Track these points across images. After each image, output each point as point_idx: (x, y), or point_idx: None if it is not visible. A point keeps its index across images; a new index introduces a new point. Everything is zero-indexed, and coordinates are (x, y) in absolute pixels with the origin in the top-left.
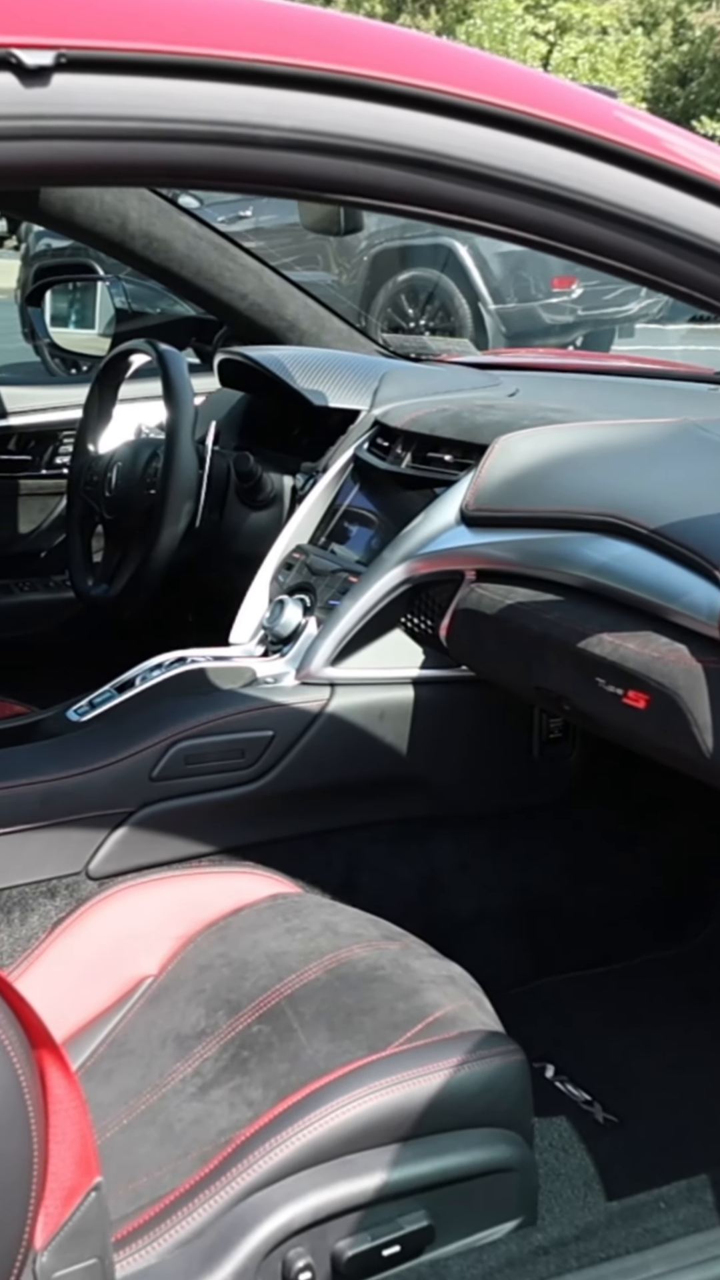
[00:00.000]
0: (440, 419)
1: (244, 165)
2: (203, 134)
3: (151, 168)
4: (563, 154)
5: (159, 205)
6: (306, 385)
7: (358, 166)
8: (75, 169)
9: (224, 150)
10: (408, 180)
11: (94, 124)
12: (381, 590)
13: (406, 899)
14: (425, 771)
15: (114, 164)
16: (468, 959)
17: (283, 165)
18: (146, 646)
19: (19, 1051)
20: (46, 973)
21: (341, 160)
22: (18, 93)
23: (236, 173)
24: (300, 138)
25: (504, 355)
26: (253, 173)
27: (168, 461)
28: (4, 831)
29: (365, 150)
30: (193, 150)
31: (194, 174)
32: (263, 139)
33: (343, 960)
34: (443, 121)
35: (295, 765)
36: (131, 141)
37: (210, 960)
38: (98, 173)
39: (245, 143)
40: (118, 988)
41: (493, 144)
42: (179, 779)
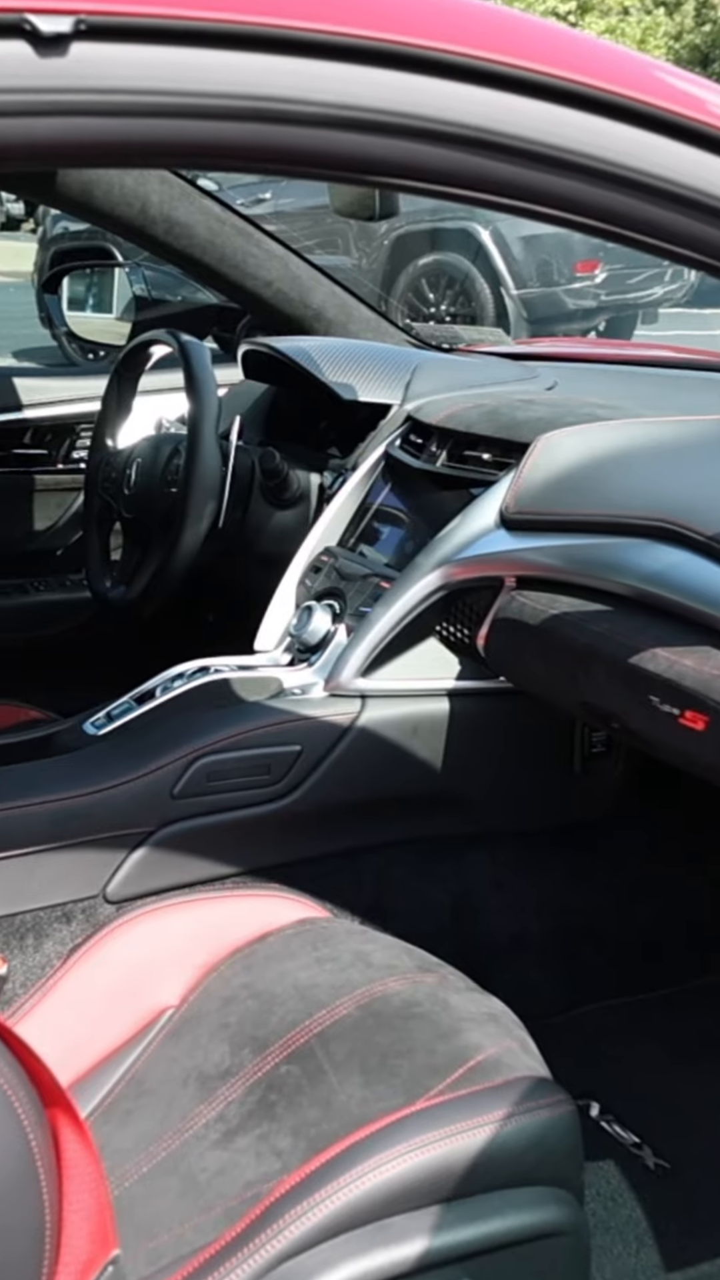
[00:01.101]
0: (478, 415)
1: (280, 144)
2: (236, 110)
3: (178, 148)
4: (631, 131)
5: (181, 188)
6: (335, 378)
7: (404, 145)
8: (95, 148)
9: (259, 128)
10: (457, 160)
11: (116, 99)
12: (416, 597)
13: (440, 922)
14: (460, 788)
15: (137, 143)
16: (504, 985)
17: (323, 144)
18: (165, 649)
19: (30, 1114)
20: (62, 1003)
21: (386, 139)
22: (32, 63)
23: (272, 153)
24: (342, 114)
25: (538, 345)
26: (289, 153)
27: (190, 459)
28: (18, 853)
29: (412, 127)
30: (224, 128)
31: (225, 154)
32: (301, 115)
33: (376, 995)
34: (496, 95)
35: (324, 782)
36: (157, 118)
37: (235, 992)
38: (120, 153)
39: (282, 119)
40: (137, 1020)
41: (552, 120)
42: (201, 796)
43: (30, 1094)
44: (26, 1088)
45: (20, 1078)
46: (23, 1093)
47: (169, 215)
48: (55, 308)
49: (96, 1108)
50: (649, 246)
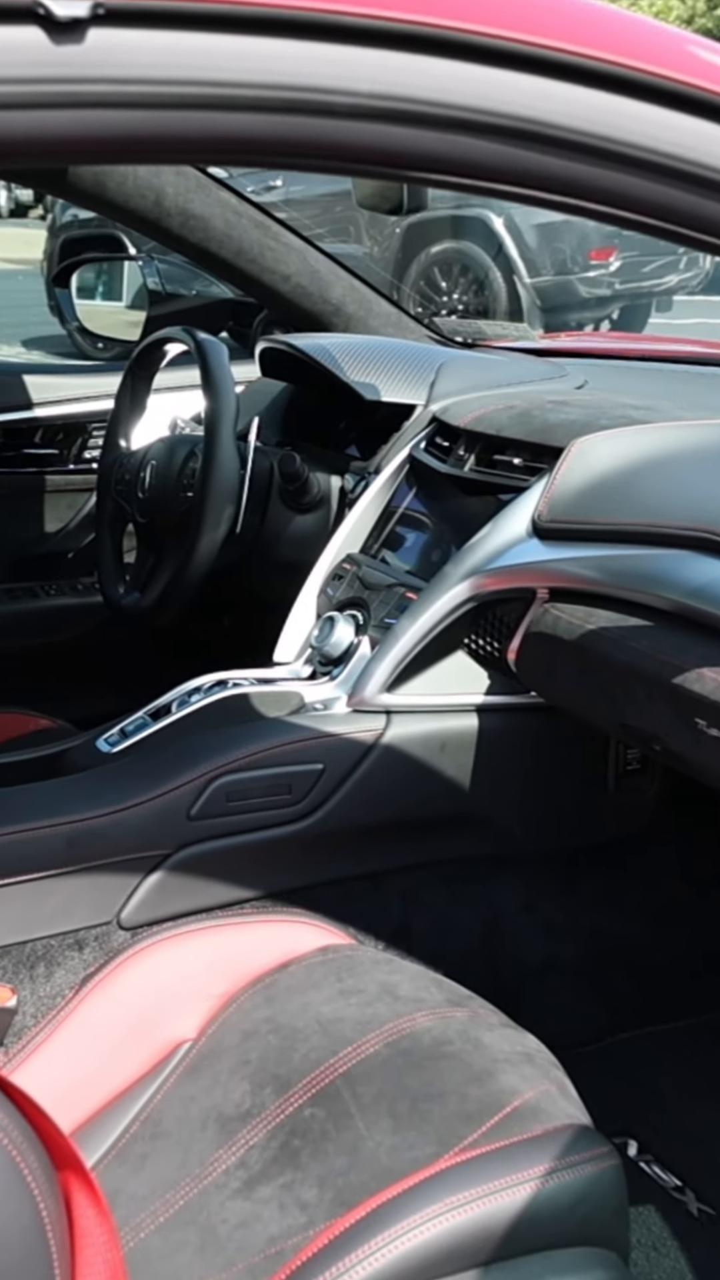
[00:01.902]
0: (508, 418)
1: (314, 139)
2: (267, 101)
3: (205, 143)
4: (693, 122)
5: (197, 180)
6: (357, 377)
7: (447, 139)
8: (114, 144)
9: (292, 121)
10: (504, 155)
11: (137, 89)
12: (444, 608)
13: (467, 946)
14: (489, 807)
15: (160, 138)
16: (534, 1012)
17: (360, 138)
18: (179, 656)
19: (41, 1181)
20: (74, 1036)
21: (428, 131)
22: (46, 51)
23: (305, 147)
24: (381, 105)
25: (563, 340)
26: (324, 147)
27: (207, 463)
28: (28, 878)
29: (456, 119)
30: (254, 122)
31: (255, 150)
32: (338, 107)
33: (404, 1031)
34: (547, 83)
35: (347, 802)
36: (182, 110)
37: (255, 1025)
38: (141, 149)
39: (317, 111)
40: (152, 1053)
41: (609, 111)
42: (220, 818)
43: (41, 1158)
44: (37, 1151)
45: (30, 1141)
46: (33, 1158)
47: (184, 208)
48: (66, 302)
49: (110, 1149)
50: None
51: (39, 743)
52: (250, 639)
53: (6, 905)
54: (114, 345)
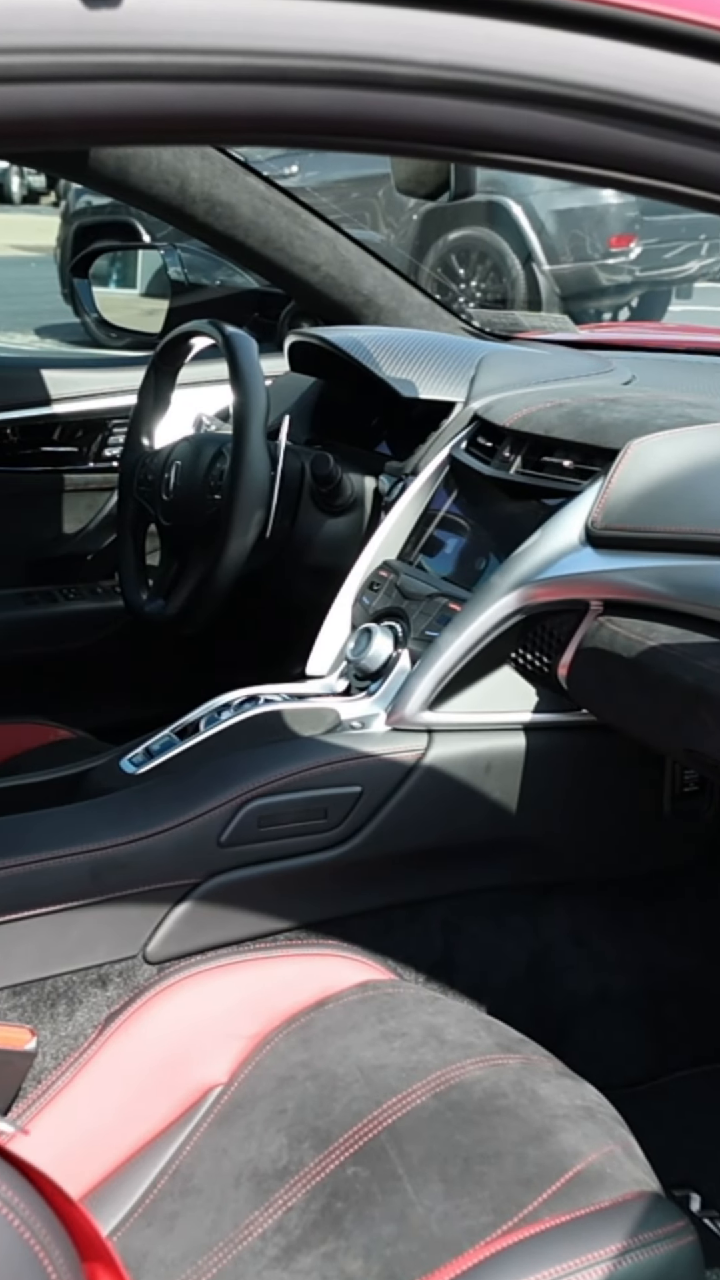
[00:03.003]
0: (557, 417)
1: (370, 115)
2: (322, 73)
3: (252, 120)
4: None
5: (223, 164)
6: (393, 373)
7: (518, 114)
8: (154, 122)
9: (347, 96)
10: (580, 132)
11: (179, 60)
12: (491, 620)
13: (512, 979)
14: (537, 831)
15: (204, 115)
16: (584, 1049)
17: (421, 114)
18: (202, 663)
19: (67, 1277)
20: (97, 1080)
21: (496, 106)
22: (78, 17)
23: (359, 125)
24: (446, 76)
25: (604, 331)
26: (381, 124)
27: (236, 464)
28: (48, 910)
29: (529, 92)
30: (307, 97)
31: (306, 128)
32: (398, 79)
33: (453, 1081)
34: (635, 51)
35: (386, 826)
36: (228, 84)
37: (291, 1070)
38: (182, 127)
39: (376, 84)
40: (181, 1099)
41: (708, 82)
42: (252, 844)
43: (68, 1252)
44: (63, 1245)
45: (56, 1234)
46: (58, 1252)
47: (210, 194)
48: (85, 292)
49: (136, 1206)
50: None
51: (57, 754)
52: (277, 647)
53: (26, 939)
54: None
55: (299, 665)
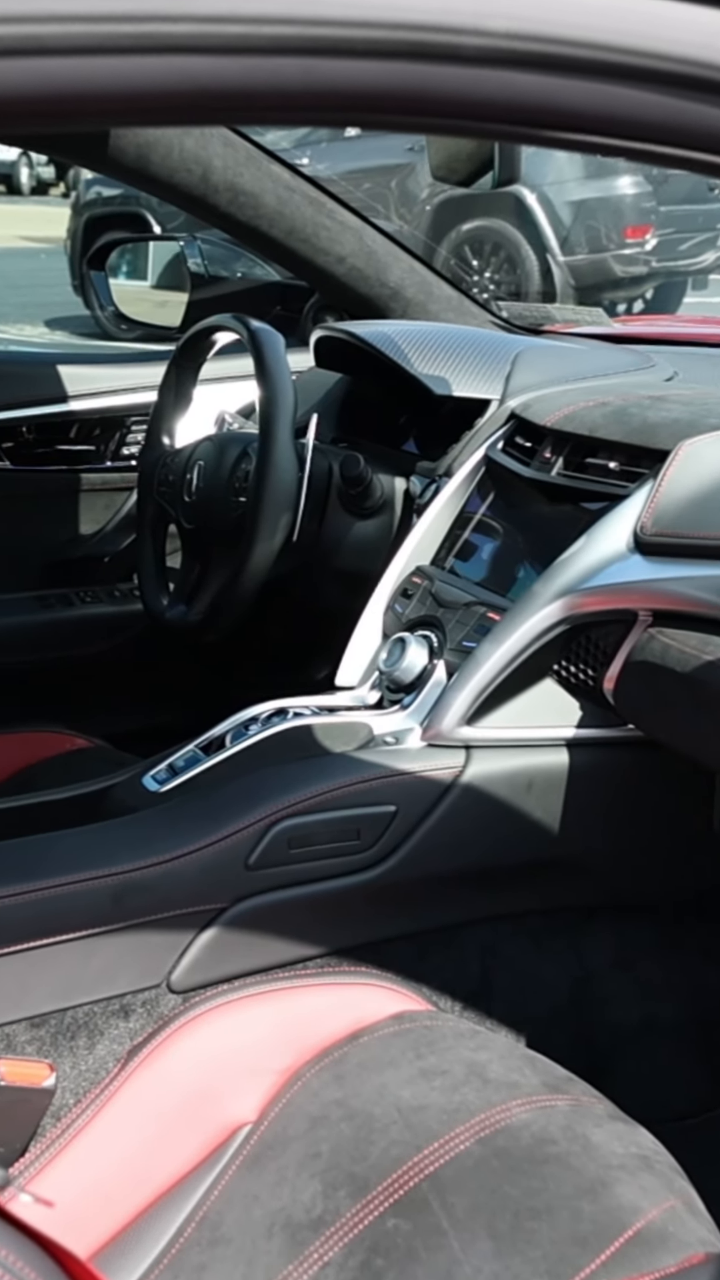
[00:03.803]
0: (601, 416)
1: (434, 91)
2: (382, 44)
3: (301, 98)
4: None
5: (247, 151)
6: (425, 369)
7: (599, 89)
8: (194, 99)
9: (409, 70)
10: (668, 110)
11: (224, 30)
12: (533, 631)
13: (554, 1005)
14: (580, 852)
15: (250, 91)
16: (630, 1080)
17: (490, 89)
18: (223, 669)
19: None
20: (120, 1118)
21: (574, 80)
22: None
23: (421, 102)
24: (520, 47)
25: (637, 325)
26: (445, 102)
27: (262, 465)
28: (68, 938)
29: (612, 64)
30: (365, 71)
31: (361, 105)
32: (467, 50)
33: (498, 1125)
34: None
35: (422, 848)
36: (278, 56)
37: (325, 1109)
38: (226, 104)
39: (441, 55)
40: (208, 1138)
41: None
42: (281, 866)
43: None
44: None
45: None
46: None
47: (233, 182)
48: (101, 285)
49: (162, 1256)
50: None
51: (75, 765)
52: (302, 653)
53: (45, 968)
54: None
55: (323, 671)
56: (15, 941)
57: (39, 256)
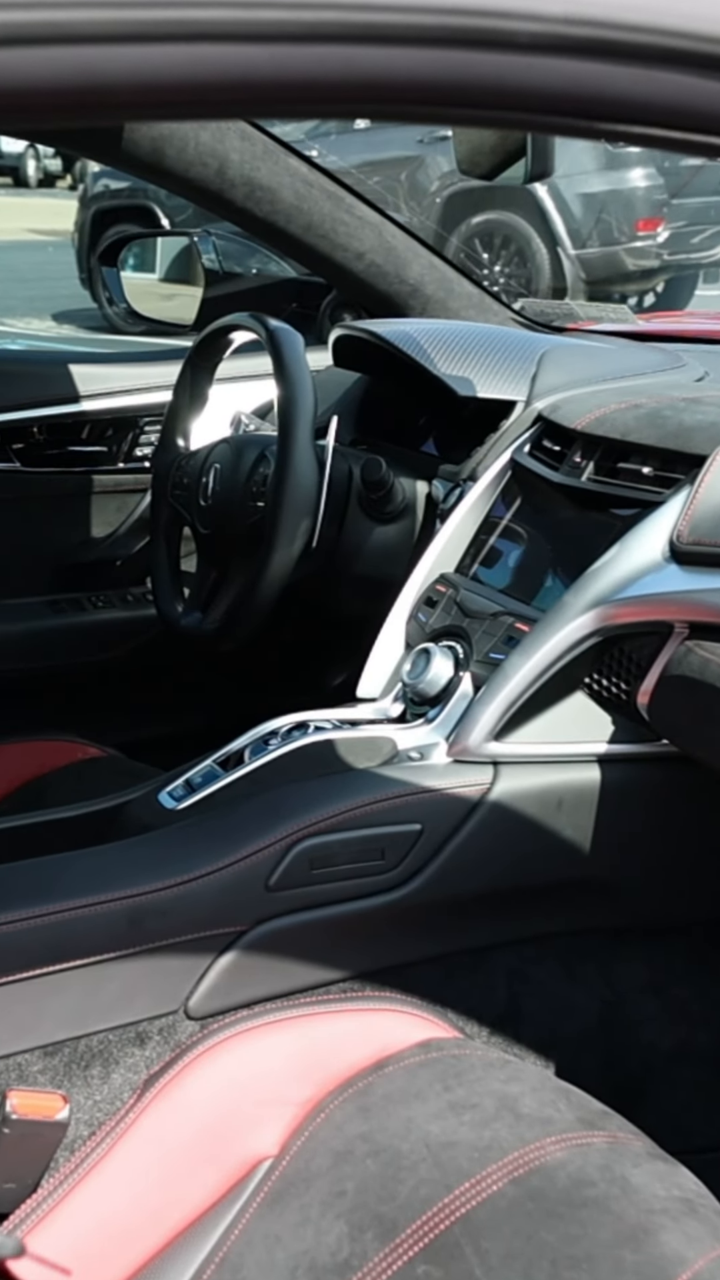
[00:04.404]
0: (634, 419)
1: (485, 82)
2: (429, 31)
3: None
4: None
5: (264, 145)
6: (448, 370)
7: (660, 78)
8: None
9: (458, 59)
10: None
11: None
12: (564, 643)
13: (584, 1031)
14: (612, 872)
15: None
16: (662, 1108)
17: (545, 79)
18: (240, 677)
19: None
20: (137, 1151)
21: (636, 69)
22: None
23: (471, 93)
24: (578, 33)
25: (661, 322)
26: (497, 93)
27: (282, 470)
28: (82, 963)
29: (676, 51)
30: (411, 60)
31: (406, 97)
32: (521, 36)
33: (533, 1164)
34: None
35: (448, 868)
36: (318, 45)
37: (349, 1144)
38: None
39: (494, 43)
40: (227, 1173)
41: None
42: (303, 887)
43: None
44: None
45: None
46: None
47: (251, 177)
48: (114, 281)
49: None
50: None
51: (88, 775)
52: (319, 661)
53: (58, 994)
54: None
55: (339, 677)
56: (28, 967)
57: (46, 250)
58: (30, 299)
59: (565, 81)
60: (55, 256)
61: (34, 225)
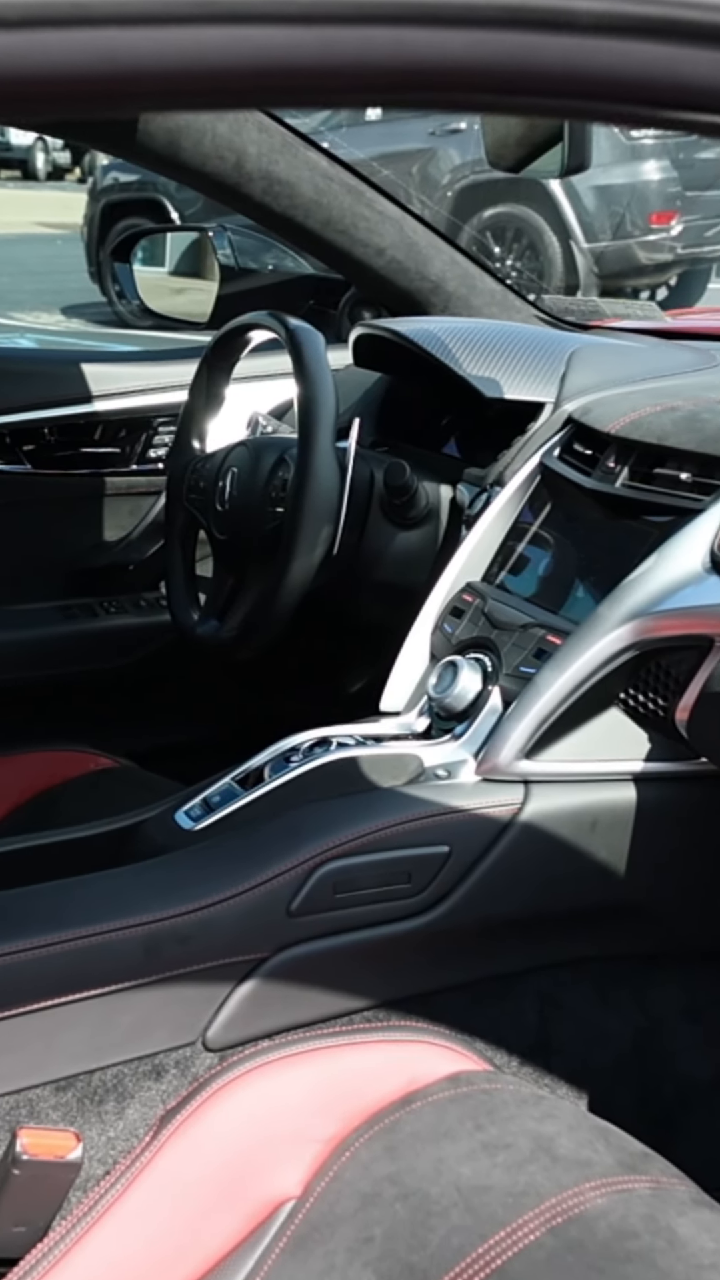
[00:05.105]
0: (671, 422)
1: (541, 66)
2: (483, 11)
3: (388, 75)
4: None
5: (282, 137)
6: (473, 369)
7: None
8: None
9: (514, 41)
10: None
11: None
12: (599, 657)
13: (618, 1059)
14: (648, 896)
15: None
16: (698, 1139)
17: (607, 64)
18: (256, 684)
19: None
20: (154, 1192)
21: (709, 51)
22: None
23: (529, 79)
24: (643, 12)
25: (690, 319)
26: (554, 79)
27: (302, 474)
28: (96, 993)
29: None
30: (464, 43)
31: (456, 84)
32: (581, 16)
33: (572, 1213)
34: None
35: (477, 891)
36: (359, 26)
37: (377, 1186)
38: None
39: (552, 23)
40: (248, 1215)
41: None
42: (326, 913)
43: None
44: None
45: None
46: None
47: (269, 170)
48: (127, 278)
49: None
50: None
51: (102, 787)
52: (337, 667)
53: (71, 1026)
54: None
55: (357, 684)
56: (39, 998)
57: (55, 243)
58: (39, 292)
59: (630, 66)
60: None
61: (43, 218)
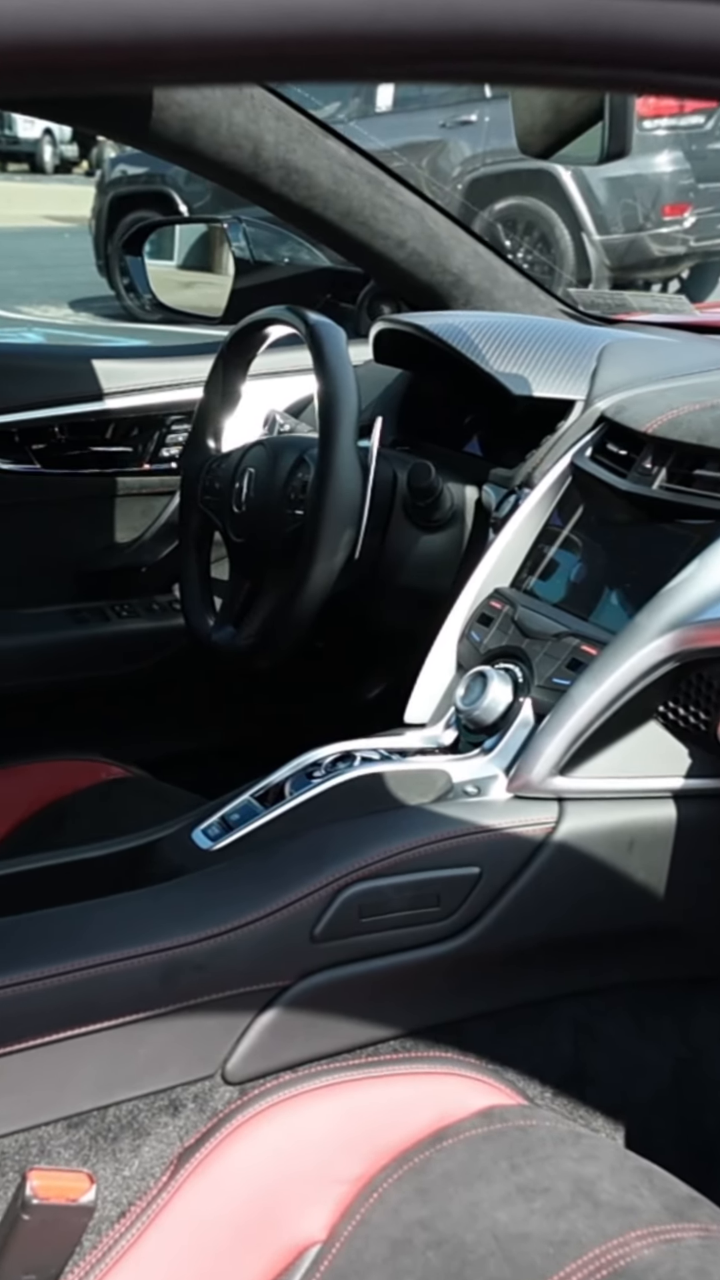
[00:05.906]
0: (712, 421)
1: (618, 34)
2: None
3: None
4: None
5: (300, 126)
6: (500, 366)
7: None
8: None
9: (593, 4)
10: None
11: None
12: (637, 669)
13: (658, 1090)
14: (688, 918)
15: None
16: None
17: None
18: (272, 690)
19: None
20: (171, 1237)
21: None
22: None
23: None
24: None
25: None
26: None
27: (323, 476)
28: (110, 1024)
29: None
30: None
31: (526, 50)
32: None
33: (618, 1265)
34: None
35: (510, 914)
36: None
37: (407, 1231)
38: (345, 53)
39: None
40: (271, 1261)
41: None
42: (351, 937)
43: None
44: None
45: None
46: None
47: (286, 160)
48: (138, 271)
49: None
50: None
51: (113, 797)
52: (357, 674)
53: (84, 1059)
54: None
55: (376, 689)
56: (50, 1031)
57: (63, 236)
58: (47, 286)
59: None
60: (72, 243)
61: (51, 211)
